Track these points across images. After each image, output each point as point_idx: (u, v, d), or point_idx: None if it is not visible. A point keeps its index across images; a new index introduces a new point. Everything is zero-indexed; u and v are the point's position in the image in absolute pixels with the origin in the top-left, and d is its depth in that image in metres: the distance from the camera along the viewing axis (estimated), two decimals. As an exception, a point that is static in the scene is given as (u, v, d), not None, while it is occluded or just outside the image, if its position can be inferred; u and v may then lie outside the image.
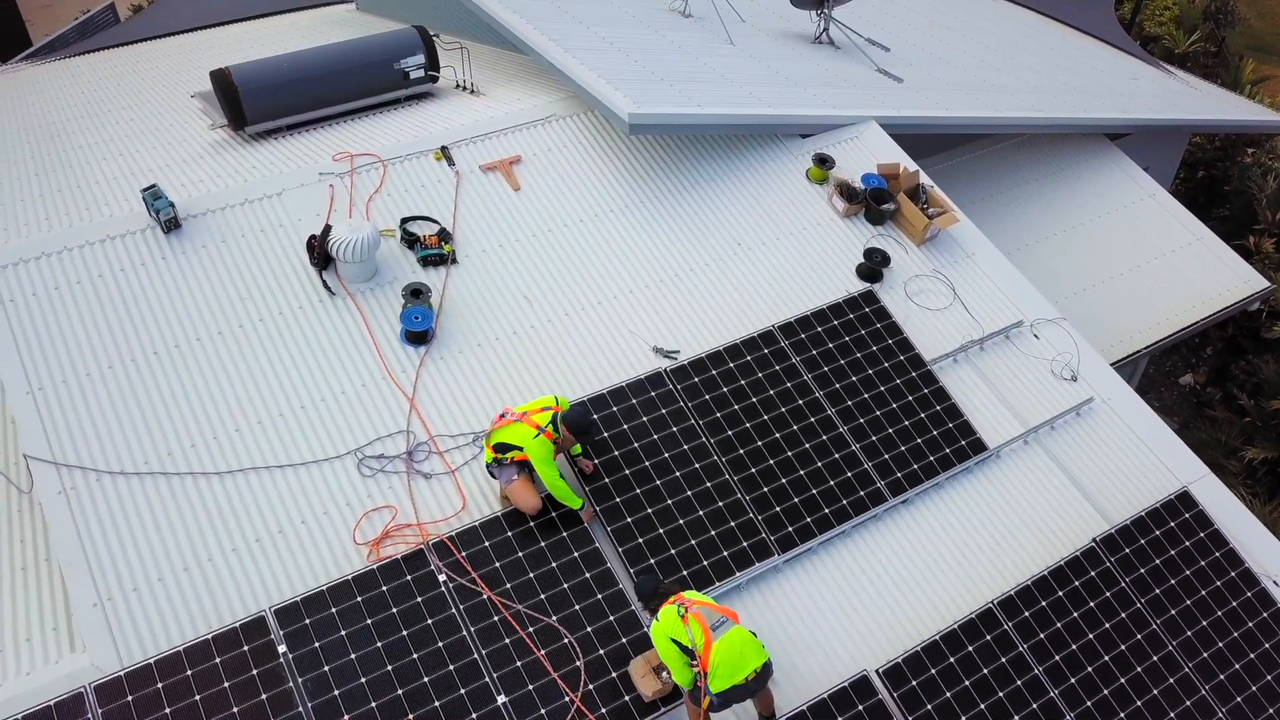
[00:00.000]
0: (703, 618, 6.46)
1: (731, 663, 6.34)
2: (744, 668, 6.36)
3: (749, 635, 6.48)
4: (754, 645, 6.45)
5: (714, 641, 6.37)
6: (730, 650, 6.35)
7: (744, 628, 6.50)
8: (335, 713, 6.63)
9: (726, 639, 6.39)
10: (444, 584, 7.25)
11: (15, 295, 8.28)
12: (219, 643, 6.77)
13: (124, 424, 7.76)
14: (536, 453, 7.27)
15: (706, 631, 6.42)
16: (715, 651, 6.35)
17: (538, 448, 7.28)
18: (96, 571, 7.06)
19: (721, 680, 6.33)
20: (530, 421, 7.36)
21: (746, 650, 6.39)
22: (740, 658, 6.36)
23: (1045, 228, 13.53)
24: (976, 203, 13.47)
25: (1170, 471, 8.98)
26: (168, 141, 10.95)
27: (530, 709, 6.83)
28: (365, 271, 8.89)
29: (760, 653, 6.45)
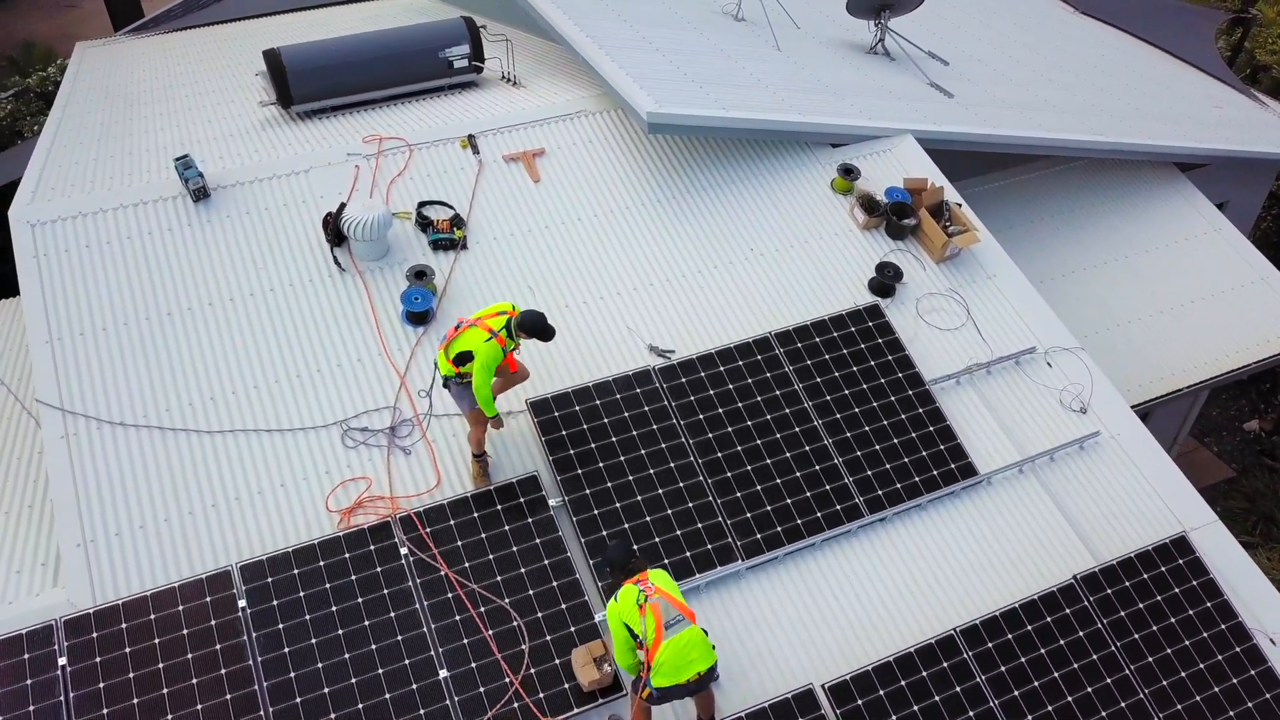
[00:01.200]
0: (659, 612, 6.43)
1: (677, 663, 6.35)
2: (689, 670, 6.36)
3: (701, 637, 6.45)
4: (703, 648, 6.42)
5: (664, 639, 6.38)
6: (678, 650, 6.35)
7: (698, 628, 6.47)
8: (282, 669, 6.90)
9: (677, 639, 6.37)
10: (405, 557, 7.46)
11: (49, 251, 8.81)
12: (184, 591, 7.12)
13: (129, 378, 8.19)
14: (483, 356, 7.18)
15: (660, 628, 6.40)
16: (664, 649, 6.35)
17: (487, 351, 7.20)
18: (85, 514, 7.49)
19: (664, 677, 6.36)
20: (484, 325, 7.32)
21: (694, 652, 6.38)
22: (686, 659, 6.36)
23: (1098, 255, 13.08)
24: (1026, 225, 13.14)
25: (1174, 515, 8.63)
26: (223, 115, 11.47)
27: (470, 686, 6.99)
28: (376, 251, 9.18)
29: (708, 656, 6.43)
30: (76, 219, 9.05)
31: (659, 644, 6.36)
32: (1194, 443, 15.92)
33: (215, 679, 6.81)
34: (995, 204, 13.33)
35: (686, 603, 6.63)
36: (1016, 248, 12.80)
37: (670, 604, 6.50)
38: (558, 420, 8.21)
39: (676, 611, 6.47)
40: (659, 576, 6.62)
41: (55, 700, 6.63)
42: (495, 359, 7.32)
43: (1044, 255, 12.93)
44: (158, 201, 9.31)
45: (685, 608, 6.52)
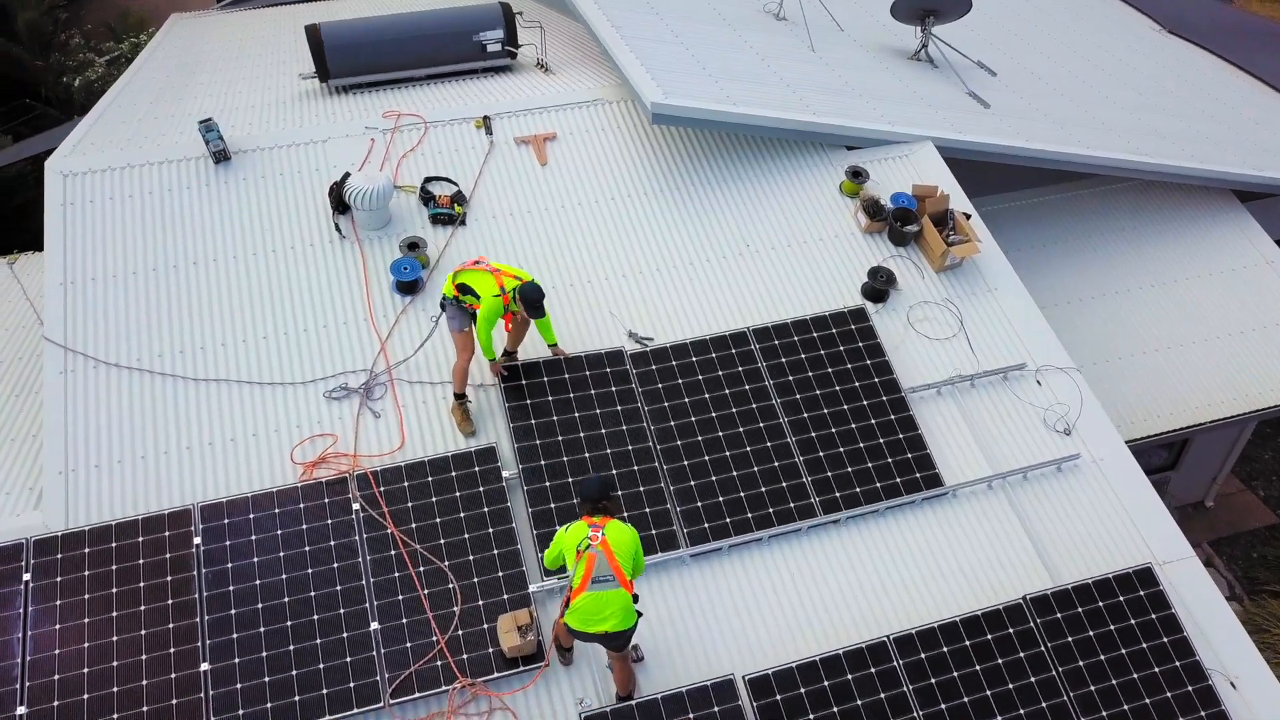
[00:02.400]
0: (593, 565, 6.53)
1: (589, 612, 6.47)
2: (599, 624, 6.48)
3: (623, 601, 6.51)
4: (620, 611, 6.49)
5: (586, 590, 6.51)
6: (596, 602, 6.47)
7: (624, 592, 6.56)
8: (225, 606, 7.28)
9: (600, 593, 6.49)
10: (356, 512, 7.77)
11: (75, 200, 9.42)
12: (146, 524, 7.56)
13: (130, 323, 8.72)
14: (487, 308, 7.76)
15: (587, 578, 6.50)
16: (584, 596, 6.49)
17: (490, 304, 7.76)
18: (70, 445, 8.01)
19: (576, 620, 6.50)
20: (499, 279, 7.81)
21: (608, 611, 6.48)
22: (600, 614, 6.47)
23: (1138, 278, 12.66)
24: (1062, 242, 12.82)
25: (1147, 546, 8.36)
26: (267, 86, 12.03)
27: (397, 640, 7.25)
28: (377, 220, 9.53)
29: (623, 621, 6.51)
30: (105, 172, 9.65)
31: (580, 591, 6.50)
32: (1239, 485, 15.22)
33: (162, 608, 7.22)
34: (1032, 219, 13.03)
35: (628, 570, 6.67)
36: (1048, 265, 12.52)
37: (608, 563, 6.54)
38: (524, 388, 8.40)
39: (610, 572, 6.54)
40: (615, 530, 6.64)
41: (15, 611, 7.13)
42: (496, 313, 7.84)
43: (1078, 274, 12.58)
44: (181, 161, 9.85)
45: (621, 572, 6.57)
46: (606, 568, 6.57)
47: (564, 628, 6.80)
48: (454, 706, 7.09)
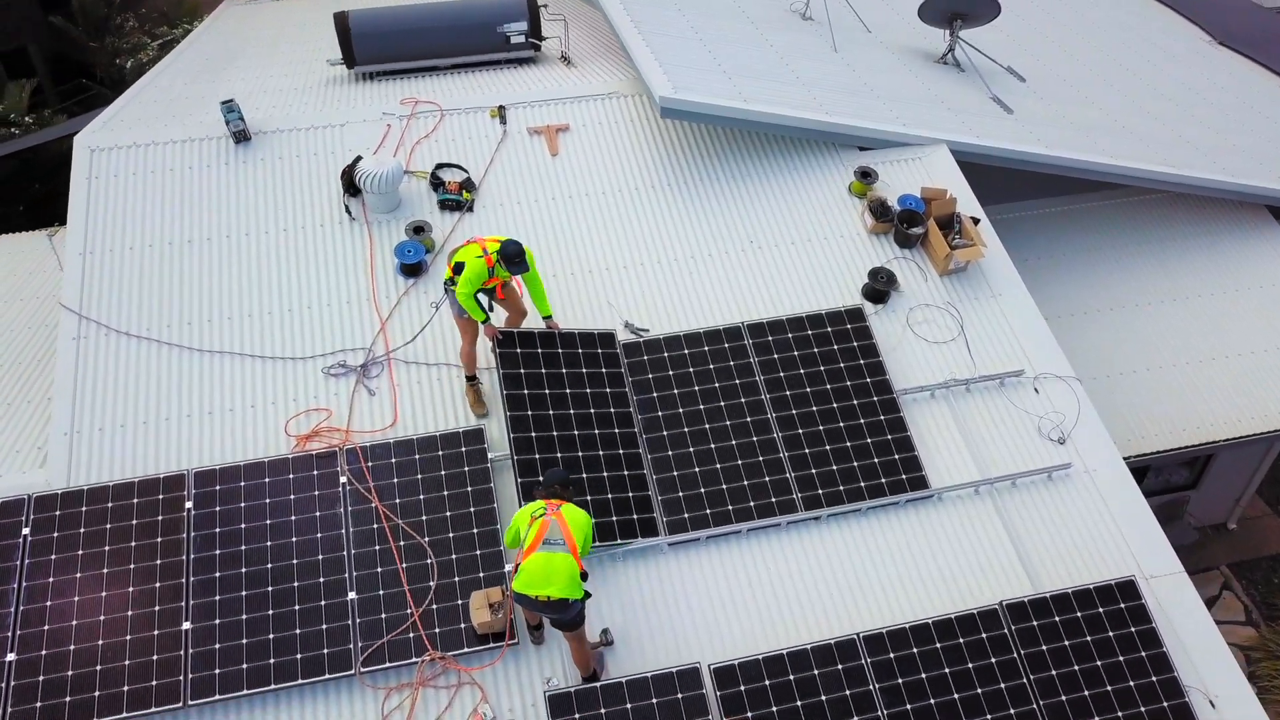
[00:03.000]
0: (545, 529, 6.68)
1: (534, 575, 6.57)
2: (542, 587, 6.56)
3: (570, 569, 6.61)
4: (565, 578, 6.58)
5: (535, 552, 6.64)
6: (540, 565, 6.58)
7: (571, 559, 6.66)
8: (210, 569, 7.52)
9: (546, 555, 6.60)
10: (343, 485, 7.97)
11: (101, 174, 9.77)
12: (142, 487, 7.84)
13: (143, 294, 9.03)
14: (470, 270, 7.83)
15: (537, 541, 6.63)
16: (530, 559, 6.62)
17: (474, 266, 7.84)
18: (77, 407, 8.33)
19: (520, 584, 6.61)
20: (482, 244, 7.92)
21: (553, 576, 6.58)
22: (544, 576, 6.56)
23: (1160, 292, 12.44)
24: (1083, 252, 12.64)
25: (1134, 558, 8.25)
26: (299, 71, 12.35)
27: (373, 611, 7.43)
28: (387, 204, 9.74)
29: (565, 588, 6.58)
30: (130, 148, 9.99)
31: (529, 553, 6.62)
32: (1265, 508, 14.86)
33: (150, 568, 7.49)
34: (1055, 228, 12.87)
35: (581, 546, 6.79)
36: (1069, 274, 12.36)
37: (560, 529, 6.69)
38: (518, 356, 8.46)
39: (560, 538, 6.66)
40: (571, 511, 6.83)
41: (13, 563, 7.45)
42: (480, 275, 7.89)
43: (1100, 285, 12.40)
44: (204, 140, 10.16)
45: (573, 543, 6.69)
46: (558, 533, 6.70)
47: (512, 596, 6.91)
48: (422, 678, 7.25)
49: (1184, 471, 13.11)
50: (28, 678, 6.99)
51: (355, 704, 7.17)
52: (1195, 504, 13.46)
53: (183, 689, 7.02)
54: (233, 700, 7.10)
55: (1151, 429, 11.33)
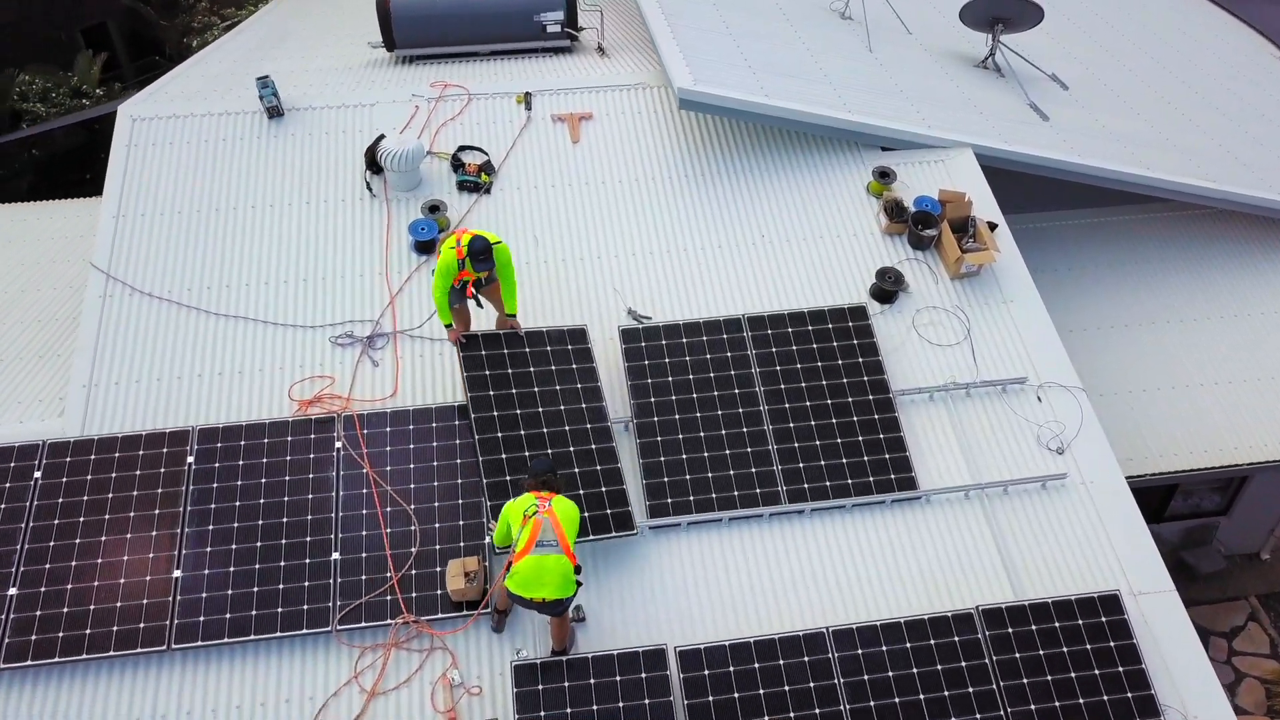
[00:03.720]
0: (539, 529, 6.81)
1: (529, 578, 6.74)
2: (537, 590, 6.72)
3: (564, 570, 6.75)
4: (558, 579, 6.74)
5: (529, 554, 6.79)
6: (535, 568, 6.73)
7: (565, 559, 6.81)
8: (205, 521, 7.84)
9: (541, 558, 6.73)
10: (337, 450, 8.23)
11: (139, 142, 10.21)
12: (148, 440, 8.20)
13: (168, 258, 9.42)
14: (441, 261, 7.95)
15: (531, 542, 6.77)
16: (525, 561, 6.76)
17: (445, 256, 7.94)
18: (96, 362, 8.74)
19: (515, 585, 6.77)
20: (459, 236, 7.98)
21: (547, 578, 6.73)
22: (538, 580, 6.73)
23: (1198, 309, 12.14)
24: (1117, 265, 12.40)
25: (1124, 574, 8.11)
26: (342, 53, 12.72)
27: (354, 571, 7.67)
28: (408, 182, 10.01)
29: (561, 589, 6.74)
30: (170, 119, 10.42)
31: (523, 555, 6.76)
32: (1304, 539, 14.37)
33: (148, 516, 7.84)
34: (1091, 239, 12.64)
35: (572, 541, 6.93)
36: (1097, 286, 12.14)
37: (553, 528, 6.83)
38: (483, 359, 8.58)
39: (554, 537, 6.80)
40: (562, 504, 6.97)
41: (23, 503, 7.85)
42: (450, 268, 7.97)
43: (1130, 299, 12.15)
44: (239, 114, 10.55)
45: (565, 541, 6.82)
46: (551, 533, 6.81)
47: (505, 591, 7.06)
48: (395, 640, 7.46)
49: (1215, 497, 12.76)
50: (26, 611, 7.37)
51: (330, 660, 7.41)
52: (1226, 531, 13.09)
53: (168, 633, 7.33)
54: (214, 648, 7.39)
55: (1178, 448, 11.09)
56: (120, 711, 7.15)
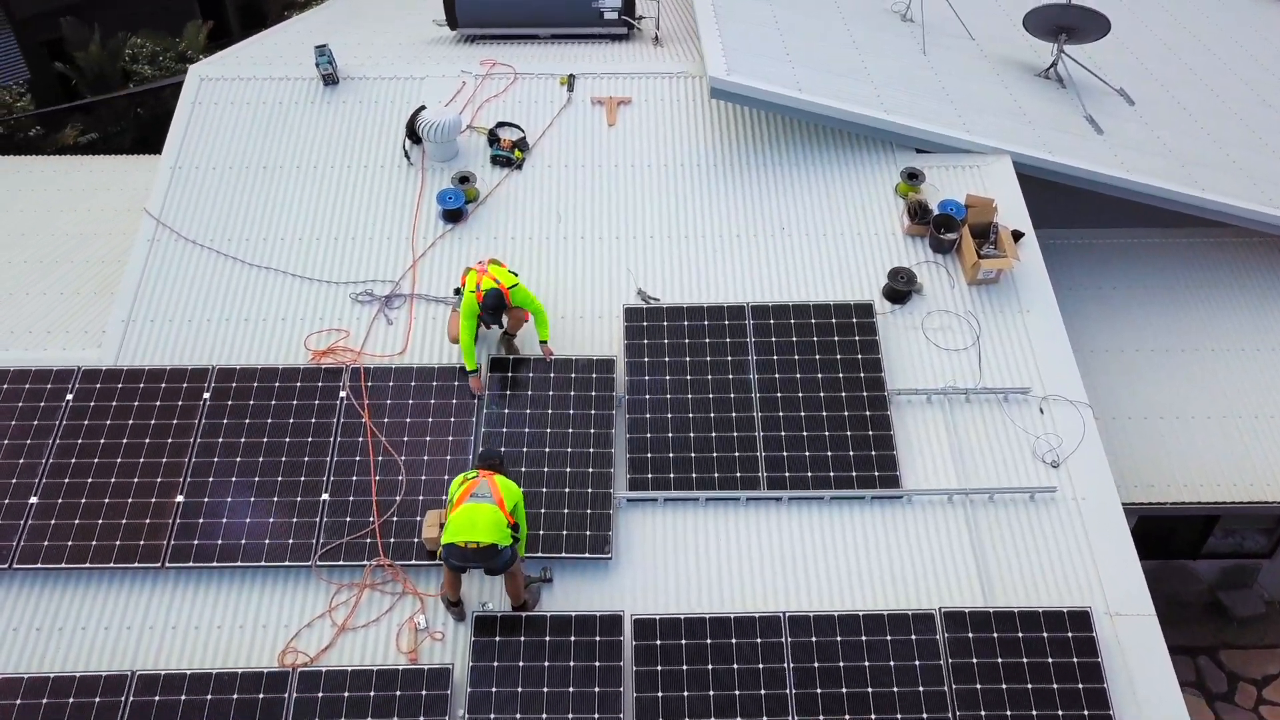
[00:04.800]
0: (475, 486, 7.25)
1: (460, 523, 7.09)
2: (469, 533, 7.05)
3: (494, 517, 7.12)
4: (490, 525, 7.08)
5: (462, 504, 7.16)
6: (466, 514, 7.09)
7: (496, 509, 7.15)
8: (211, 453, 8.37)
9: (472, 507, 7.13)
10: (341, 399, 8.68)
11: (203, 100, 10.88)
12: (171, 375, 8.79)
13: (215, 209, 10.04)
14: (464, 303, 8.34)
15: (464, 495, 7.21)
16: (459, 511, 7.14)
17: (467, 300, 8.32)
18: (136, 300, 9.39)
19: (449, 534, 7.12)
20: (480, 279, 8.33)
21: (478, 522, 7.08)
22: (469, 525, 7.07)
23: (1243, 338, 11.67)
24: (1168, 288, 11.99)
25: (1102, 593, 7.96)
26: (408, 28, 13.24)
27: (340, 513, 8.09)
28: (445, 153, 10.41)
29: (490, 534, 7.07)
30: (234, 80, 11.06)
31: (456, 506, 7.12)
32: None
33: (161, 444, 8.41)
34: (1143, 259, 12.26)
35: (511, 507, 7.27)
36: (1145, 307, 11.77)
37: (489, 486, 7.22)
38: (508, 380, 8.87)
39: (489, 492, 7.18)
40: (502, 479, 7.40)
41: (54, 421, 8.52)
42: (471, 310, 8.32)
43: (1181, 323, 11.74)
44: (298, 80, 11.13)
45: (500, 499, 7.18)
46: (486, 488, 7.20)
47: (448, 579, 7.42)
48: (368, 580, 7.85)
49: (1260, 538, 12.28)
50: (42, 519, 8.01)
51: (308, 593, 7.84)
52: (1269, 574, 12.57)
53: (163, 552, 7.88)
54: (203, 570, 7.90)
55: (1221, 479, 10.70)
56: (114, 619, 7.72)
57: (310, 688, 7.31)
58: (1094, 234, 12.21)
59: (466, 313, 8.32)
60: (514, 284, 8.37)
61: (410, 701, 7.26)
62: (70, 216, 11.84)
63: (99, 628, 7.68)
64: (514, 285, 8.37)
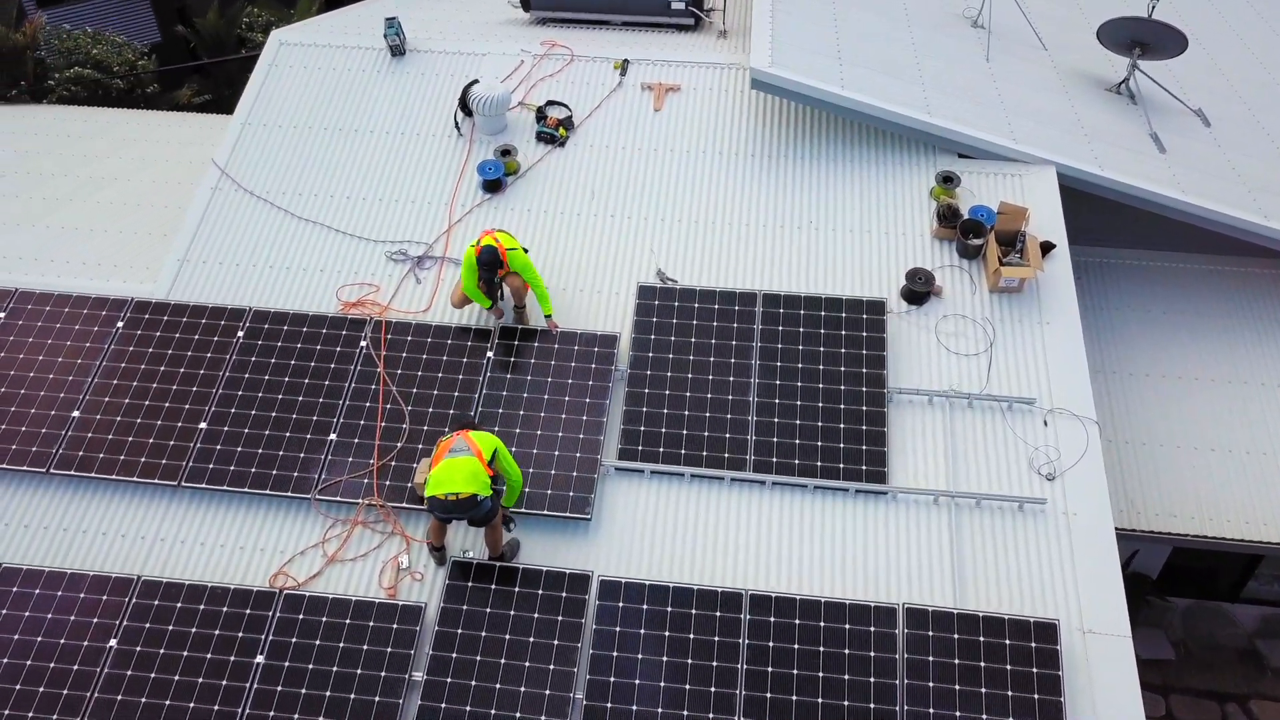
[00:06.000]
0: (452, 442, 7.67)
1: (439, 478, 7.49)
2: (446, 487, 7.44)
3: (473, 467, 7.50)
4: (469, 477, 7.46)
5: (441, 460, 7.58)
6: (444, 470, 7.50)
7: (475, 460, 7.54)
8: (236, 386, 8.99)
9: (450, 461, 7.54)
10: (360, 348, 9.19)
11: (279, 63, 11.60)
12: (210, 313, 9.46)
13: (276, 165, 10.71)
14: (464, 258, 8.86)
15: (443, 452, 7.63)
16: (437, 467, 7.56)
17: (467, 254, 8.84)
18: (193, 241, 10.12)
19: (429, 487, 7.54)
20: (481, 239, 8.79)
21: (456, 474, 7.47)
22: (448, 477, 7.47)
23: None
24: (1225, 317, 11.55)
25: (1079, 609, 7.84)
26: (488, 9, 13.75)
27: (344, 453, 8.60)
28: (493, 126, 10.85)
29: (470, 485, 7.43)
30: (310, 47, 11.75)
31: (436, 462, 7.53)
32: None
33: (193, 374, 9.08)
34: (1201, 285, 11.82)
35: (489, 456, 7.63)
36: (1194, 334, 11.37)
37: (465, 442, 7.60)
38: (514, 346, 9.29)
39: (465, 446, 7.56)
40: (476, 433, 7.79)
41: (102, 346, 9.28)
42: (470, 265, 8.80)
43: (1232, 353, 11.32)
44: (368, 50, 11.74)
45: (478, 451, 7.55)
46: (463, 443, 7.58)
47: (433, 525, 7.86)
48: (360, 517, 8.33)
49: (1303, 588, 11.78)
50: (81, 432, 8.75)
51: (305, 524, 8.37)
52: (1309, 624, 12.04)
53: (181, 472, 8.51)
54: (215, 492, 8.51)
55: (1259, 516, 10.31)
56: (130, 528, 8.40)
57: (293, 609, 7.82)
58: (1151, 256, 11.87)
59: (466, 266, 8.76)
60: (512, 249, 8.72)
61: (381, 633, 7.70)
62: (160, 167, 12.74)
63: (116, 534, 8.36)
64: (512, 249, 8.72)
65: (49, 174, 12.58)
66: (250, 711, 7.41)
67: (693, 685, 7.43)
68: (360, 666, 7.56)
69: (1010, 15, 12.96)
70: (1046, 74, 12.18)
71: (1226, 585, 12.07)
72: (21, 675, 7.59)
